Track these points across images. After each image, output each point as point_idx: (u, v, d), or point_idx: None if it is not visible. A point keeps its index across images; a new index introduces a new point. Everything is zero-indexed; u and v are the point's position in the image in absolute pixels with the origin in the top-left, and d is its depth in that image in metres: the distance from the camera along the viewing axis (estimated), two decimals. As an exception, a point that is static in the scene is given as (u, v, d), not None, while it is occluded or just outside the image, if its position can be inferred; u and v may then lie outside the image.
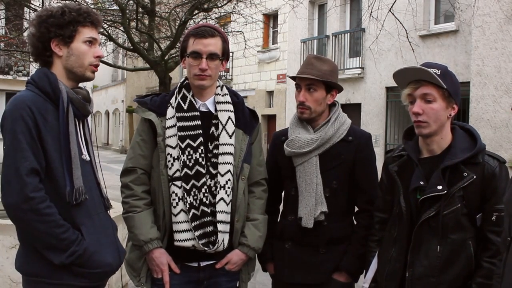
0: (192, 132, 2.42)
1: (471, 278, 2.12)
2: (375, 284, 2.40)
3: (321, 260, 2.61)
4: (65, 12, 2.15)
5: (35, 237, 2.06)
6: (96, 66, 2.24)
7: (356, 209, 2.75)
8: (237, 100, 2.56)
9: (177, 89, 2.52)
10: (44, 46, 2.16)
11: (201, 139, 2.42)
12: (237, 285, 2.58)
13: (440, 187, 2.12)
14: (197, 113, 2.45)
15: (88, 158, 2.21)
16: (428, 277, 2.15)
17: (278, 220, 2.81)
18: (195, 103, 2.47)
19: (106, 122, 36.56)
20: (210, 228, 2.39)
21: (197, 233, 2.37)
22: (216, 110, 2.49)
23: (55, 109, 2.10)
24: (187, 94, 2.48)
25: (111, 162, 20.68)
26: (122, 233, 3.46)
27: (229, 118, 2.48)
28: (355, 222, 2.73)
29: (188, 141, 2.41)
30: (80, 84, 2.30)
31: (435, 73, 2.14)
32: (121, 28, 11.95)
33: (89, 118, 2.31)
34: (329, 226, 2.60)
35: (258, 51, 17.75)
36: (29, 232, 2.07)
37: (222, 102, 2.50)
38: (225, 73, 19.89)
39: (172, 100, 2.49)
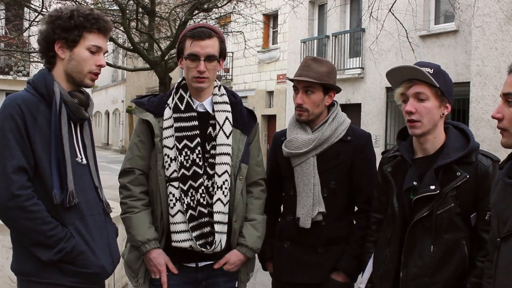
0: (189, 133, 2.42)
1: (465, 278, 2.11)
2: (371, 284, 2.40)
3: (320, 260, 2.62)
4: (73, 15, 2.13)
5: (23, 234, 2.07)
6: (97, 74, 2.20)
7: (356, 209, 2.75)
8: (234, 100, 2.55)
9: (174, 90, 2.52)
10: (48, 46, 2.17)
11: (198, 139, 2.42)
12: (236, 286, 2.58)
13: (432, 187, 2.12)
14: (194, 114, 2.45)
15: (84, 162, 2.20)
16: (422, 277, 2.15)
17: (279, 220, 2.82)
18: (192, 104, 2.47)
19: (106, 122, 36.58)
20: (207, 229, 2.39)
21: (194, 234, 2.38)
22: (213, 111, 2.49)
23: (48, 110, 2.10)
24: (184, 95, 2.48)
25: (111, 162, 20.67)
26: (121, 234, 3.47)
27: (227, 118, 2.47)
28: (354, 222, 2.73)
29: (185, 141, 2.41)
30: None
31: (428, 72, 2.14)
32: (121, 28, 11.95)
33: (86, 122, 2.28)
34: (327, 226, 2.60)
35: (258, 51, 17.74)
36: (17, 230, 2.08)
37: (220, 102, 2.50)
38: (225, 73, 19.89)
39: (169, 101, 2.49)
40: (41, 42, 2.19)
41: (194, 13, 11.47)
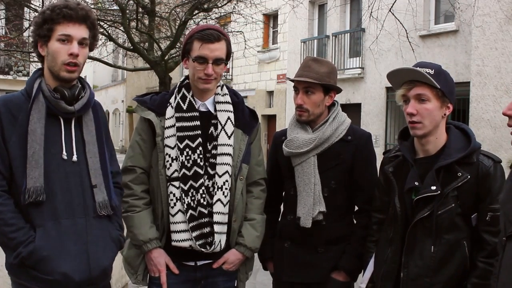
0: (191, 133, 2.41)
1: (466, 279, 2.11)
2: (372, 284, 2.40)
3: (320, 260, 2.62)
4: (44, 11, 2.09)
5: None
6: (71, 64, 2.09)
7: (356, 208, 2.75)
8: (237, 100, 2.55)
9: (177, 89, 2.51)
10: (35, 47, 2.15)
11: (199, 139, 2.42)
12: (235, 285, 2.58)
13: (434, 188, 2.12)
14: (196, 114, 2.45)
15: (75, 159, 2.12)
16: (423, 277, 2.15)
17: (279, 219, 2.82)
18: (194, 103, 2.47)
19: (106, 122, 36.55)
20: (207, 229, 2.39)
21: (194, 234, 2.38)
22: (215, 110, 2.49)
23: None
24: (187, 94, 2.48)
25: (111, 162, 20.66)
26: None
27: (229, 118, 2.47)
28: (354, 222, 2.73)
29: (186, 141, 2.40)
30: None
31: (428, 73, 2.14)
32: (121, 28, 11.97)
33: (89, 117, 2.20)
34: (327, 225, 2.60)
35: (258, 51, 17.74)
36: None
37: (222, 102, 2.50)
38: (225, 73, 19.88)
39: (172, 100, 2.48)
40: (32, 45, 2.18)
41: (194, 13, 11.50)
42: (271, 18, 18.51)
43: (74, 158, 2.12)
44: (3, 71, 21.18)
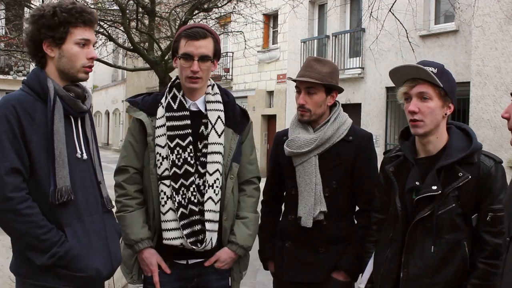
0: (181, 132, 2.44)
1: (466, 279, 2.11)
2: (371, 284, 2.40)
3: (320, 260, 2.62)
4: (56, 12, 2.07)
5: (16, 237, 2.05)
6: (90, 67, 2.17)
7: (357, 208, 2.75)
8: (227, 99, 2.57)
9: (168, 89, 2.54)
10: (36, 47, 2.13)
11: (190, 138, 2.44)
12: (229, 284, 2.58)
13: (434, 187, 2.11)
14: (186, 113, 2.47)
15: (85, 157, 2.16)
16: (422, 277, 2.14)
17: (280, 219, 2.83)
18: (185, 103, 2.49)
19: (106, 122, 36.60)
20: (198, 227, 2.41)
21: (185, 232, 2.40)
22: (206, 110, 2.50)
23: (46, 107, 2.06)
24: (178, 94, 2.50)
25: (111, 162, 20.62)
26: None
27: (219, 117, 2.49)
28: (355, 222, 2.73)
29: (177, 140, 2.43)
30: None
31: (432, 71, 2.13)
32: (121, 28, 11.96)
33: (87, 116, 2.24)
34: (328, 225, 2.61)
35: (258, 51, 17.74)
36: (11, 233, 2.04)
37: (212, 102, 2.51)
38: (225, 73, 19.88)
39: (163, 100, 2.51)
40: (28, 44, 2.15)
41: (194, 13, 11.48)
42: (271, 18, 18.50)
43: (85, 156, 2.16)
44: (3, 71, 21.18)
